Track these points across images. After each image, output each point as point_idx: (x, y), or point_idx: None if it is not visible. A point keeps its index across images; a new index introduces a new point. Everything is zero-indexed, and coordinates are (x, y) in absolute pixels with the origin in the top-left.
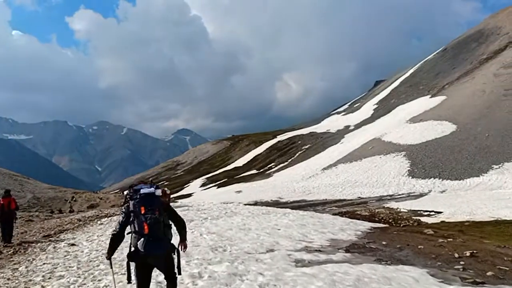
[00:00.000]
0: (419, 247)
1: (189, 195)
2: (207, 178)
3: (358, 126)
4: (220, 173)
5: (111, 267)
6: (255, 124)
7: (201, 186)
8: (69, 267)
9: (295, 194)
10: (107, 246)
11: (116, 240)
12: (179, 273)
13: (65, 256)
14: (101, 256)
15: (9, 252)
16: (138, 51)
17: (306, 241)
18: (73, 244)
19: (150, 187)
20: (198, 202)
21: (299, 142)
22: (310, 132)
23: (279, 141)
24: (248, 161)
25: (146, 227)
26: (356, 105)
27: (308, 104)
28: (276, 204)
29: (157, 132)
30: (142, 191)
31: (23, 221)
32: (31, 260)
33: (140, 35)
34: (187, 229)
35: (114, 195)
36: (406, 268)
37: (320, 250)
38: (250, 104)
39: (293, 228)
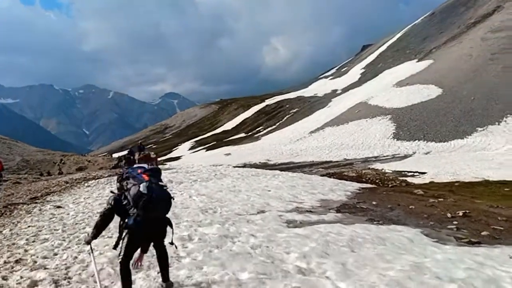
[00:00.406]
0: (410, 207)
1: (177, 158)
2: (195, 141)
3: (345, 90)
4: (208, 136)
5: (92, 253)
6: (243, 88)
7: (189, 149)
8: (54, 230)
9: (283, 156)
10: (94, 209)
11: (105, 220)
12: (174, 245)
13: (50, 218)
14: (87, 219)
15: None
16: (123, 14)
17: (297, 202)
18: (59, 207)
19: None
20: (187, 164)
21: (287, 106)
22: (298, 96)
23: (267, 105)
24: (237, 125)
25: (145, 176)
26: (344, 69)
27: (296, 69)
28: (265, 166)
29: (144, 96)
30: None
31: (10, 183)
32: (16, 222)
33: None
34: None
35: (102, 158)
36: (399, 228)
37: (311, 211)
38: (238, 68)
39: (283, 190)
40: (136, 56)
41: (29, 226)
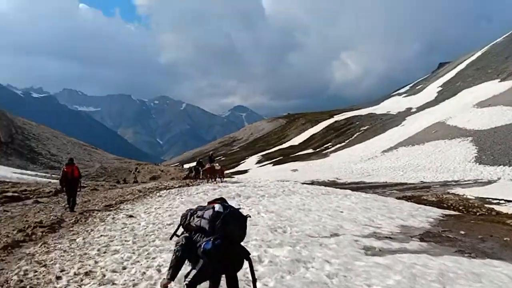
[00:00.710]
0: (505, 239)
1: (245, 171)
2: (262, 155)
3: (420, 108)
4: (275, 150)
5: None
6: (311, 103)
7: (256, 163)
8: (125, 241)
9: (353, 175)
10: (164, 220)
11: (180, 261)
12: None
13: (122, 228)
14: (157, 231)
15: (71, 221)
16: (198, 27)
17: (373, 226)
18: (131, 216)
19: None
20: (254, 178)
21: (357, 122)
22: (369, 113)
23: (336, 121)
24: (304, 140)
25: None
26: (419, 87)
27: (367, 85)
28: (334, 184)
29: (215, 108)
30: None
31: (89, 190)
32: (89, 231)
33: (199, 10)
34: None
35: (174, 168)
36: (495, 263)
37: (390, 238)
38: (307, 83)
39: (357, 212)
40: (208, 69)
41: (101, 236)
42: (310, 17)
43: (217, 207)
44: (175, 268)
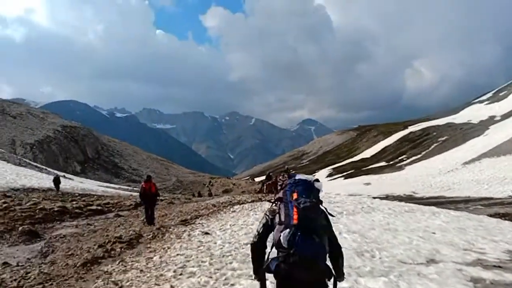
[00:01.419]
0: None
1: None
2: (333, 168)
3: (505, 116)
4: (346, 164)
5: None
6: (382, 114)
7: (327, 176)
8: (202, 262)
9: (431, 189)
10: (240, 239)
11: (256, 251)
12: None
13: (198, 247)
14: (234, 251)
15: (148, 237)
16: (264, 44)
17: (475, 251)
18: (207, 233)
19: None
20: (327, 193)
21: (435, 133)
22: (447, 123)
23: (411, 132)
24: (377, 153)
25: (295, 214)
26: (503, 93)
27: (443, 93)
28: (410, 199)
29: (283, 122)
30: (298, 176)
31: (165, 203)
32: (166, 248)
33: (265, 28)
34: None
35: (245, 182)
36: None
37: (500, 266)
38: (378, 94)
39: (451, 233)
40: (276, 84)
41: (177, 254)
42: (380, 26)
43: (282, 236)
44: (255, 262)
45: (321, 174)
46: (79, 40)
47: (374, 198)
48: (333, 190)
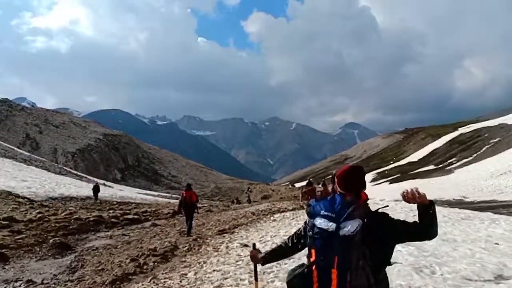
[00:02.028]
0: None
1: None
2: (377, 173)
3: None
4: (392, 168)
5: (256, 280)
6: (430, 116)
7: (371, 181)
8: (240, 279)
9: (482, 193)
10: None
11: (280, 251)
12: None
13: (236, 261)
14: (276, 267)
15: (184, 248)
16: (307, 48)
17: None
18: (245, 245)
19: (332, 214)
20: (373, 198)
21: (486, 135)
22: (500, 124)
23: (461, 134)
24: (424, 156)
25: (315, 275)
26: None
27: (494, 94)
28: (460, 203)
29: (325, 126)
30: (316, 221)
31: (203, 211)
32: (202, 263)
33: (308, 31)
34: None
35: (285, 188)
36: None
37: None
38: (425, 95)
39: None
40: (318, 87)
41: (214, 270)
42: (428, 26)
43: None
44: (270, 257)
45: (366, 179)
46: (122, 49)
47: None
48: (377, 195)
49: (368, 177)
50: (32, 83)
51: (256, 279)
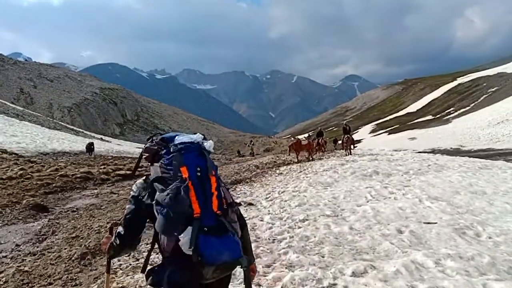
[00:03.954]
0: None
1: (358, 141)
2: (376, 124)
3: None
4: (391, 119)
5: (108, 272)
6: (429, 67)
7: (370, 132)
8: None
9: (479, 142)
10: (293, 213)
11: (126, 239)
12: None
13: None
14: (288, 232)
15: None
16: None
17: None
18: (250, 204)
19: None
20: (368, 148)
21: (484, 84)
22: (499, 73)
23: (459, 84)
24: (423, 106)
25: (195, 202)
26: None
27: (493, 43)
28: (457, 152)
29: (325, 79)
30: (178, 139)
31: None
32: None
33: None
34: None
35: (286, 140)
36: None
37: None
38: (424, 46)
39: None
40: (319, 39)
41: None
42: None
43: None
44: (119, 249)
45: (365, 130)
46: (117, 1)
47: (419, 152)
48: (376, 146)
49: (367, 128)
50: (26, 38)
51: (108, 271)
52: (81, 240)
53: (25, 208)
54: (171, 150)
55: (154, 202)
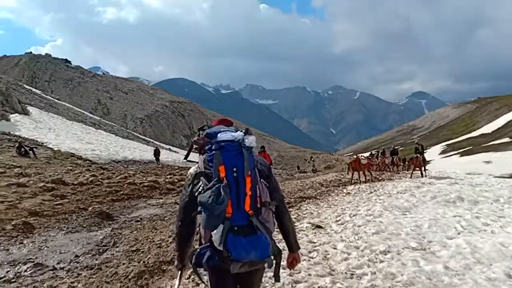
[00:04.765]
0: None
1: (428, 162)
2: (447, 145)
3: None
4: (463, 140)
5: (179, 281)
6: (505, 85)
7: (440, 153)
8: (318, 287)
9: None
10: (370, 241)
11: (182, 237)
12: None
13: (309, 252)
14: (368, 266)
15: None
16: (373, 13)
17: None
18: (318, 226)
19: (233, 130)
20: (439, 170)
21: None
22: None
23: None
24: (499, 128)
25: (230, 203)
26: None
27: None
28: None
29: (391, 95)
30: (220, 136)
31: None
32: None
33: None
34: None
35: (348, 158)
36: None
37: None
38: (500, 62)
39: None
40: (384, 54)
41: None
42: None
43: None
44: (180, 249)
45: (434, 151)
46: (186, 19)
47: (496, 177)
48: (448, 168)
49: (437, 149)
50: (104, 53)
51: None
52: (141, 255)
53: (91, 215)
54: (213, 148)
55: (198, 200)
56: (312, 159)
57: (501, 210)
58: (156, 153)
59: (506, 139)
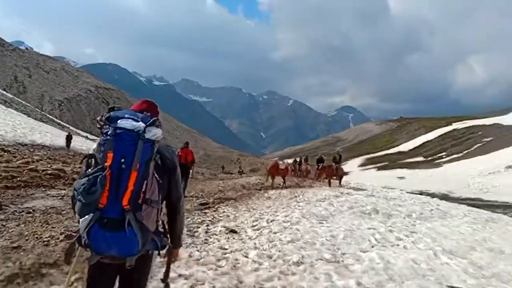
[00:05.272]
0: None
1: (346, 173)
2: (367, 158)
3: None
4: (382, 155)
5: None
6: (426, 108)
7: (359, 166)
8: None
9: (469, 190)
10: (284, 250)
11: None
12: None
13: (218, 260)
14: (279, 278)
15: None
16: (316, 25)
17: None
18: (233, 231)
19: (138, 119)
20: (356, 181)
21: (480, 133)
22: (495, 123)
23: (454, 129)
24: (415, 147)
25: (106, 194)
26: None
27: (492, 93)
28: (445, 198)
29: (322, 106)
30: (120, 123)
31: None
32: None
33: (320, 7)
34: None
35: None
36: None
37: None
38: (424, 87)
39: None
40: (321, 67)
41: (179, 276)
42: (440, 18)
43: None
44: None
45: (354, 163)
46: (126, 3)
47: (408, 193)
48: (365, 180)
49: (357, 161)
50: (30, 27)
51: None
52: (21, 253)
53: None
54: (108, 133)
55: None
56: (239, 160)
57: (413, 225)
58: (68, 138)
59: (420, 158)
